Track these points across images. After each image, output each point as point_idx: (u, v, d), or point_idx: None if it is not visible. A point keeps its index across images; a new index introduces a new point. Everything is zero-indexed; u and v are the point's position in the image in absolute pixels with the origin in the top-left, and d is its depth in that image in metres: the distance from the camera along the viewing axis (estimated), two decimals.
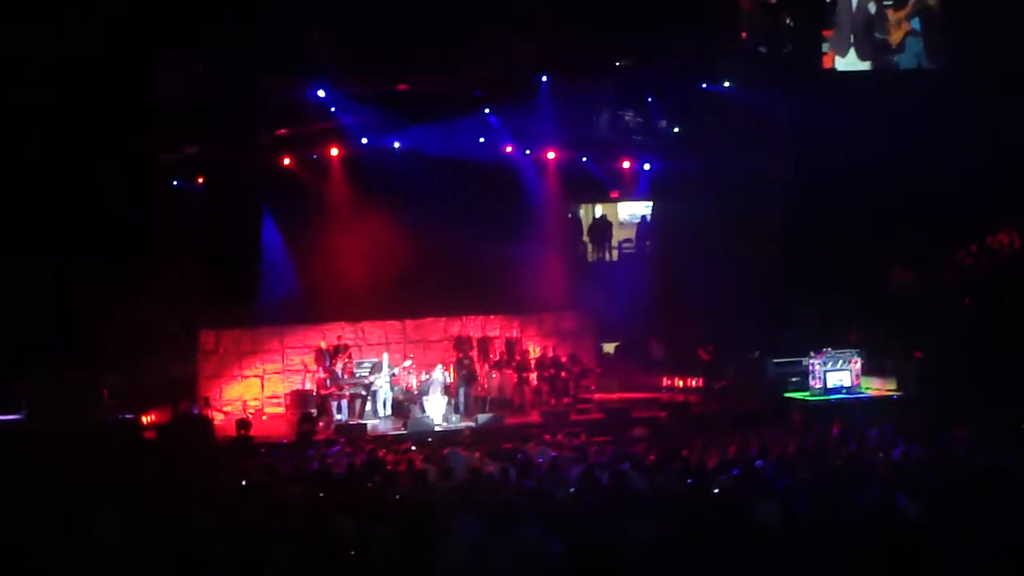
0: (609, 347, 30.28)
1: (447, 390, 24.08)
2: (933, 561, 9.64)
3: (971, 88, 25.24)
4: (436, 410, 23.40)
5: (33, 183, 22.91)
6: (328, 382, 24.22)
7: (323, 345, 25.58)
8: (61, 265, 23.48)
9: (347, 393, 24.11)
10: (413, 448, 18.91)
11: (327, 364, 24.85)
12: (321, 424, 23.19)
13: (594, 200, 32.58)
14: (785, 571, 9.82)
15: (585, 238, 32.09)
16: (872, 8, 26.28)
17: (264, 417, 25.25)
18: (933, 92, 25.86)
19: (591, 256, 31.82)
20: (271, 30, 22.47)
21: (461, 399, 24.49)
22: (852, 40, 26.34)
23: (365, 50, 23.57)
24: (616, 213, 33.05)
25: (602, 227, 32.02)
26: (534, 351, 26.98)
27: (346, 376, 24.46)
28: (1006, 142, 24.62)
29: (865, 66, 26.41)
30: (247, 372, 26.22)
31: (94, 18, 21.35)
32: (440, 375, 24.12)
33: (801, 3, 26.58)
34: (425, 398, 23.71)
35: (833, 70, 26.49)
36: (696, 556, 9.85)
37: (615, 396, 26.48)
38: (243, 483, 15.21)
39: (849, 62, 26.37)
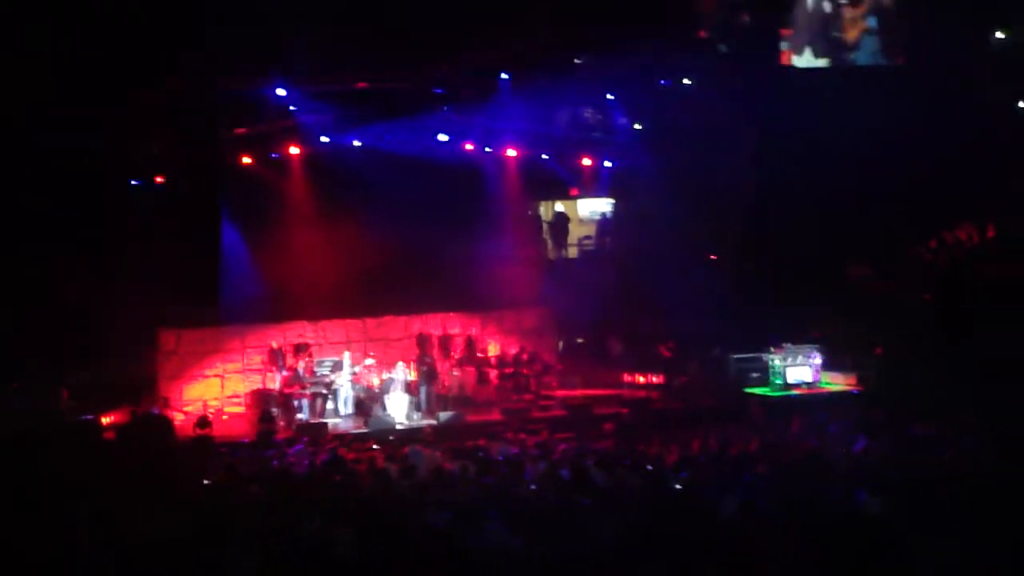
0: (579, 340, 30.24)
1: (408, 388, 24.07)
2: (895, 556, 9.70)
3: (927, 85, 25.40)
4: (398, 408, 23.38)
5: None
6: (291, 381, 24.13)
7: (275, 345, 25.52)
8: (19, 264, 23.27)
9: (308, 392, 24.03)
10: (375, 446, 18.93)
11: (280, 364, 24.80)
12: (282, 423, 23.11)
13: (555, 197, 32.54)
14: (746, 566, 9.85)
15: (544, 235, 32.05)
16: (828, 7, 26.39)
17: (224, 416, 25.10)
18: (890, 89, 26.01)
19: (551, 253, 31.78)
20: (233, 28, 22.30)
21: (422, 397, 24.39)
22: (809, 38, 26.46)
23: (326, 48, 23.44)
24: (576, 210, 33.05)
25: (559, 224, 31.98)
26: (494, 348, 27.01)
27: (307, 375, 24.39)
28: (964, 137, 24.79)
29: (822, 63, 26.52)
30: (207, 372, 25.97)
31: (54, 17, 21.14)
32: (401, 373, 24.14)
33: (759, 1, 26.66)
34: (386, 396, 23.69)
35: (792, 67, 26.60)
36: (657, 552, 9.87)
37: (577, 393, 26.48)
38: (204, 483, 15.17)
39: (806, 60, 26.47)
